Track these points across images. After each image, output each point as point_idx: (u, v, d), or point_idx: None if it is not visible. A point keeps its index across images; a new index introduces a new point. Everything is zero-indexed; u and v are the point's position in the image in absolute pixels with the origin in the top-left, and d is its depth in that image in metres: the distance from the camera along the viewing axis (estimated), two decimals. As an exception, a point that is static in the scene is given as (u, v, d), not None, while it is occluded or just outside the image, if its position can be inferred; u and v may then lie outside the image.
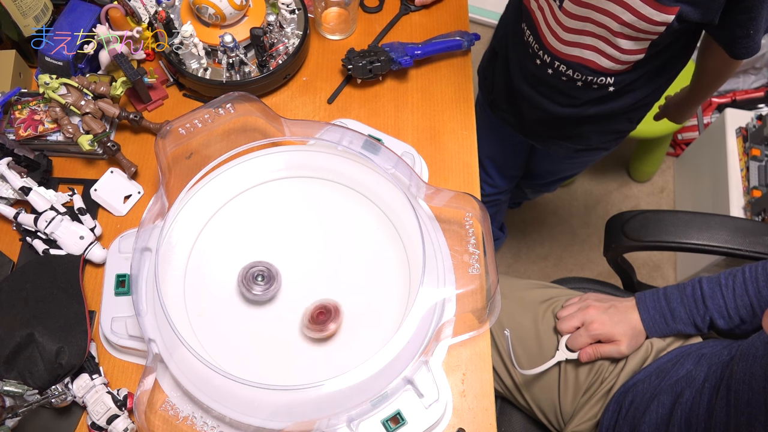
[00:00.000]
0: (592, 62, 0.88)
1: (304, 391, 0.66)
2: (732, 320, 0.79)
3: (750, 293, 0.77)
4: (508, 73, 1.05)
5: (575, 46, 0.87)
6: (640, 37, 0.81)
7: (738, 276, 0.79)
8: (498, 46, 1.08)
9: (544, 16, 0.88)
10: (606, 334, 0.83)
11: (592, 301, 0.87)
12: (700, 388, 0.72)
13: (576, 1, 0.81)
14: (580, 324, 0.86)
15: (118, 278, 0.77)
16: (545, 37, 0.90)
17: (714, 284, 0.80)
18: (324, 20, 0.98)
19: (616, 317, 0.84)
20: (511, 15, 1.01)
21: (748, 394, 0.63)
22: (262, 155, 0.83)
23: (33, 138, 0.85)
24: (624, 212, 0.99)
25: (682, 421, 0.72)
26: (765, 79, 1.76)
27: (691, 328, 0.82)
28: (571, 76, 0.92)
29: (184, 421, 0.70)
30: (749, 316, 0.77)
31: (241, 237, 0.81)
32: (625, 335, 0.83)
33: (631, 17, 0.78)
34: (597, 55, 0.87)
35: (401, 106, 0.94)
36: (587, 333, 0.84)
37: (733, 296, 0.78)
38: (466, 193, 0.77)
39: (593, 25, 0.83)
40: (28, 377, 0.69)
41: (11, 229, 0.84)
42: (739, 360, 0.67)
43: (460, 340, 0.77)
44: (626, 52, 0.84)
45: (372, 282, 0.78)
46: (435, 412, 0.71)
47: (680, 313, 0.82)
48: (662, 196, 1.86)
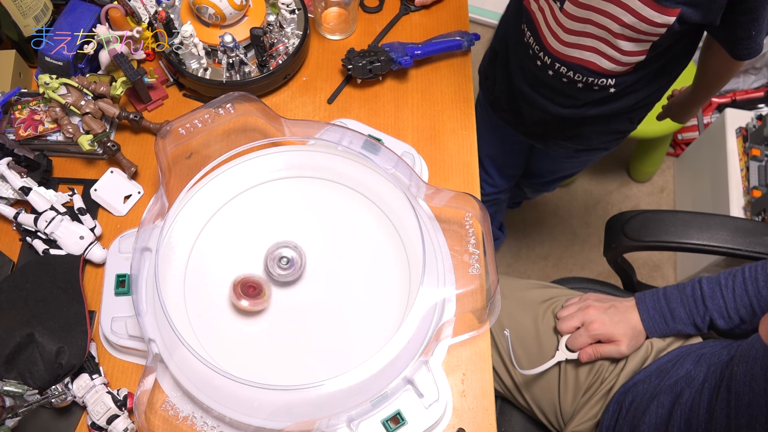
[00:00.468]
0: (592, 64, 0.88)
1: (304, 391, 0.66)
2: (732, 320, 0.79)
3: (750, 293, 0.77)
4: (508, 73, 1.05)
5: (576, 47, 0.87)
6: (641, 39, 0.81)
7: (738, 276, 0.79)
8: (499, 46, 1.08)
9: (545, 17, 0.88)
10: (606, 334, 0.83)
11: (592, 302, 0.87)
12: (699, 389, 0.72)
13: (576, 2, 0.81)
14: (580, 324, 0.86)
15: (118, 278, 0.77)
16: (546, 38, 0.90)
17: (714, 284, 0.80)
18: (324, 20, 0.98)
19: (616, 317, 0.84)
20: (511, 16, 1.01)
21: (749, 395, 0.63)
22: (262, 155, 0.83)
23: (33, 138, 0.85)
24: (624, 212, 0.99)
25: (681, 422, 0.72)
26: (765, 79, 1.76)
27: (691, 328, 0.82)
28: (571, 77, 0.92)
29: (184, 421, 0.70)
30: (749, 316, 0.77)
31: (241, 237, 0.81)
32: (625, 335, 0.83)
33: (631, 19, 0.78)
34: (597, 56, 0.87)
35: (401, 106, 0.94)
36: (587, 333, 0.84)
37: (733, 296, 0.78)
38: (466, 193, 0.77)
39: (594, 26, 0.83)
40: (28, 377, 0.69)
41: (11, 229, 0.84)
42: (738, 361, 0.67)
43: (460, 340, 0.77)
44: (627, 54, 0.84)
45: (372, 282, 0.78)
46: (435, 412, 0.71)
47: (680, 313, 0.82)
48: (662, 196, 1.86)
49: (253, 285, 0.74)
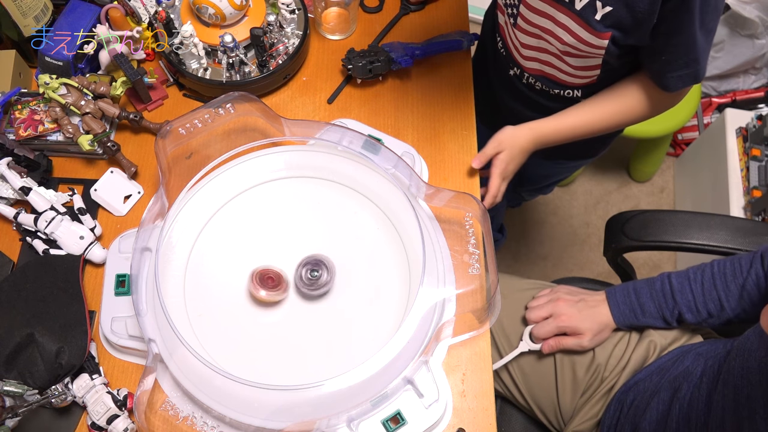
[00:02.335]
0: (553, 76, 0.90)
1: (304, 391, 0.66)
2: (700, 314, 0.80)
3: (718, 288, 0.79)
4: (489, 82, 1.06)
5: (535, 61, 0.90)
6: (587, 56, 0.82)
7: (706, 271, 0.80)
8: (478, 53, 1.09)
9: (509, 30, 0.91)
10: (572, 327, 0.84)
11: (563, 294, 0.88)
12: (698, 383, 0.73)
13: (526, 20, 0.84)
14: (548, 315, 0.87)
15: (118, 278, 0.77)
16: (512, 50, 0.93)
17: (683, 279, 0.81)
18: (324, 20, 0.98)
19: (584, 311, 0.85)
20: (488, 28, 1.03)
21: (748, 388, 0.64)
22: (262, 155, 0.83)
23: (33, 138, 0.85)
24: (624, 212, 0.99)
25: (680, 417, 0.73)
26: (765, 79, 1.76)
27: (660, 322, 0.83)
28: (541, 87, 0.94)
29: (184, 421, 0.70)
30: (717, 311, 0.79)
31: (241, 237, 0.81)
32: (590, 330, 0.84)
33: (571, 39, 0.79)
34: (554, 70, 0.89)
35: (401, 106, 0.94)
36: (554, 324, 0.85)
37: (702, 291, 0.79)
38: (466, 193, 0.77)
39: (545, 42, 0.85)
40: (28, 377, 0.69)
41: (11, 229, 0.84)
42: (735, 355, 0.68)
43: (460, 340, 0.77)
44: (579, 69, 0.86)
45: (372, 282, 0.78)
46: (435, 412, 0.71)
47: (649, 308, 0.83)
48: (662, 196, 1.86)
49: (272, 276, 0.74)
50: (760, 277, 0.76)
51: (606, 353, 0.88)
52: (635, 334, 0.88)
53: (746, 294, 0.76)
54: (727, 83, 1.78)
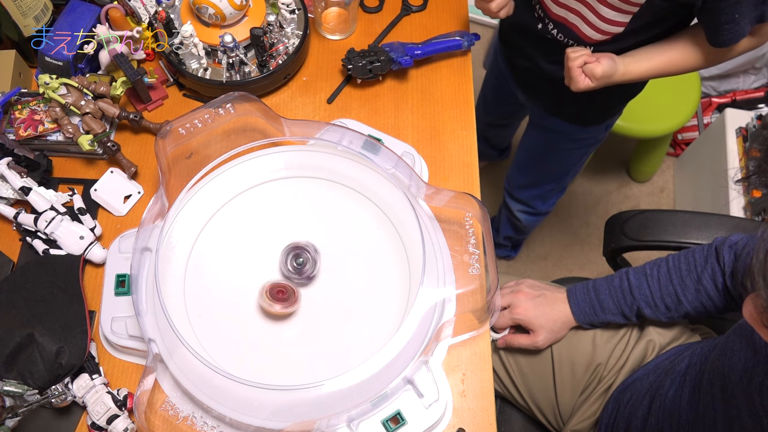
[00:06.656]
0: (575, 27, 0.90)
1: (304, 391, 0.66)
2: (658, 309, 0.81)
3: (674, 282, 0.79)
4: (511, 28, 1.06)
5: (563, 7, 0.89)
6: (623, 9, 0.82)
7: (662, 266, 0.81)
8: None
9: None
10: (526, 321, 0.85)
11: (525, 287, 0.88)
12: (681, 380, 0.75)
13: None
14: (506, 305, 0.87)
15: (118, 278, 0.77)
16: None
17: (640, 275, 0.82)
18: (324, 20, 0.98)
19: (541, 307, 0.85)
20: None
21: (731, 386, 0.65)
22: (262, 155, 0.83)
23: (33, 138, 0.85)
24: (623, 212, 0.99)
25: (662, 413, 0.74)
26: (765, 79, 1.76)
27: (620, 318, 0.84)
28: (555, 36, 0.94)
29: (184, 421, 0.70)
30: (674, 305, 0.80)
31: (241, 237, 0.81)
32: (544, 327, 0.85)
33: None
34: (580, 20, 0.88)
35: (401, 106, 0.94)
36: (510, 315, 0.86)
37: (659, 286, 0.80)
38: (466, 193, 0.77)
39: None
40: (28, 377, 0.69)
41: (11, 229, 0.84)
42: (719, 354, 0.69)
43: (460, 340, 0.77)
44: (607, 22, 0.85)
45: (372, 282, 0.78)
46: (435, 412, 0.71)
47: (608, 304, 0.84)
48: (662, 196, 1.86)
49: (281, 290, 0.74)
50: (716, 272, 0.77)
51: (605, 352, 0.88)
52: (635, 334, 0.88)
53: (702, 288, 0.78)
54: (727, 83, 1.78)
